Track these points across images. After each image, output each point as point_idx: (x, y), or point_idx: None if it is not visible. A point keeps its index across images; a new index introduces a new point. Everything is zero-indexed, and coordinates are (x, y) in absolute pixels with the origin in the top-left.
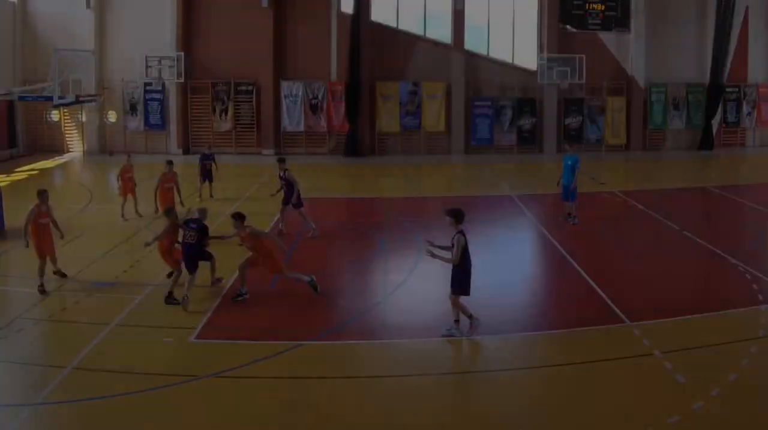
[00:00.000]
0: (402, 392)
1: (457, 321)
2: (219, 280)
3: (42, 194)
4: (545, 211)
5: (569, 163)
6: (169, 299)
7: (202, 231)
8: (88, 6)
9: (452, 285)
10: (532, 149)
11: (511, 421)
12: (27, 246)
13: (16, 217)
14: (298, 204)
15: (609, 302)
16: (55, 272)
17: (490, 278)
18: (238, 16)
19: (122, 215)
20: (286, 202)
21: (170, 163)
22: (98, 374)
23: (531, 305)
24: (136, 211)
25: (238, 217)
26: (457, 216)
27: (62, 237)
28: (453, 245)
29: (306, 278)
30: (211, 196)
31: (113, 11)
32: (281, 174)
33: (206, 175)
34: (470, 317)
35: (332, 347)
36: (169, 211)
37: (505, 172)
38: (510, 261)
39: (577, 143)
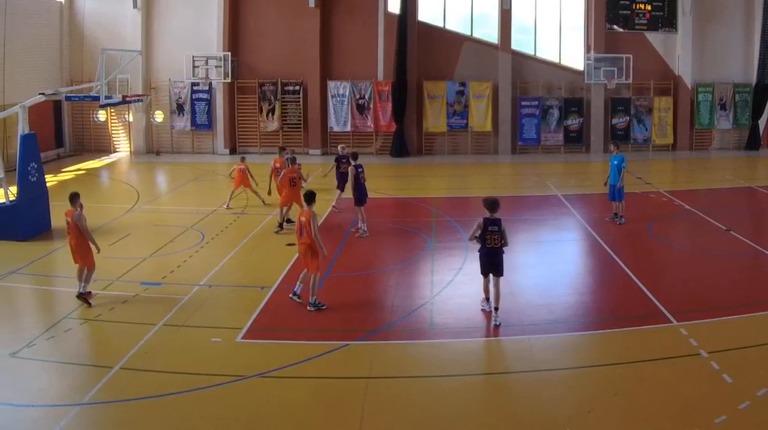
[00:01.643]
0: (448, 392)
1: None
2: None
3: (74, 198)
4: (592, 210)
5: (615, 163)
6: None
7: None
8: (135, 6)
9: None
10: (579, 149)
11: (557, 422)
12: (98, 251)
13: (63, 216)
14: (362, 201)
15: (655, 301)
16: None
17: (537, 278)
18: (285, 16)
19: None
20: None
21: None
22: (145, 374)
23: (577, 304)
24: (228, 205)
25: (310, 197)
26: (487, 204)
27: (98, 251)
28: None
29: (311, 300)
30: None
31: (160, 11)
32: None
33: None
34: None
35: (378, 347)
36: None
37: (552, 172)
38: (556, 261)
39: (624, 143)
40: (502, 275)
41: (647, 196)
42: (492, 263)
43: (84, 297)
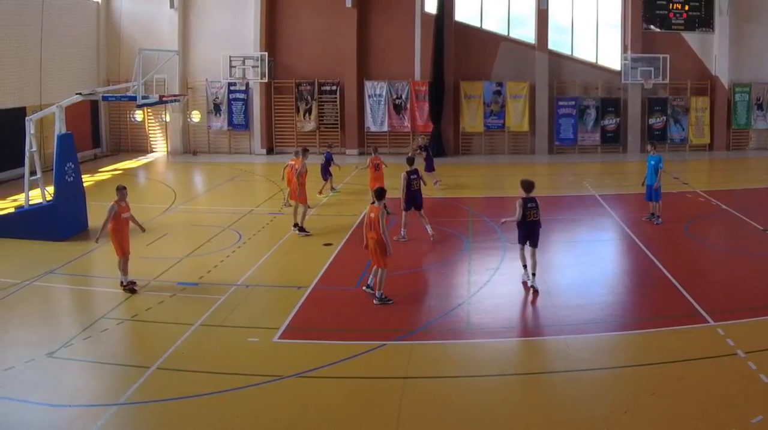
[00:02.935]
0: (485, 392)
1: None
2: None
3: (122, 190)
4: (629, 210)
5: (653, 163)
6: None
7: None
8: (172, 6)
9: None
10: (616, 149)
11: (594, 422)
12: (97, 241)
13: (100, 216)
14: (408, 207)
15: (692, 301)
16: (124, 286)
17: (574, 278)
18: (321, 16)
19: (286, 203)
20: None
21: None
22: (182, 374)
23: (614, 304)
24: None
25: (380, 193)
26: (524, 186)
27: (143, 231)
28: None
29: (378, 294)
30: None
31: (197, 11)
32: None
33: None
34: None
35: (415, 347)
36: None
37: (589, 172)
38: (593, 260)
39: (661, 143)
40: (537, 246)
41: (684, 196)
42: (530, 234)
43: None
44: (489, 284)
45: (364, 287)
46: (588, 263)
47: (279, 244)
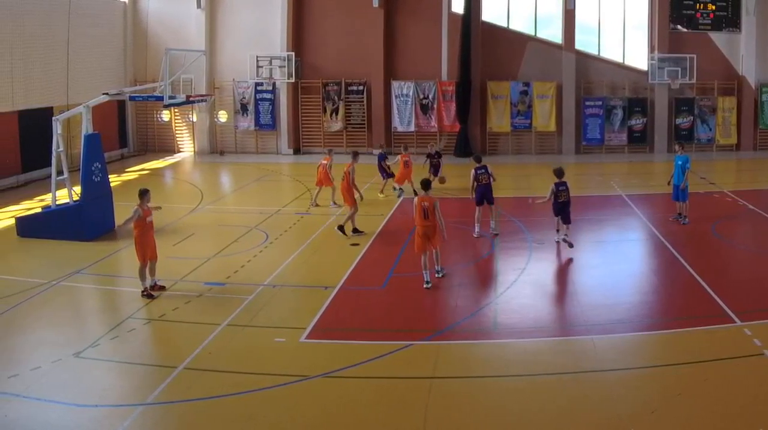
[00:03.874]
0: (512, 392)
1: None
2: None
3: (144, 194)
4: (655, 210)
5: (680, 163)
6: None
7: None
8: (198, 6)
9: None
10: (643, 149)
11: (620, 421)
12: (117, 228)
13: (127, 216)
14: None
15: (719, 301)
16: (151, 288)
17: (601, 278)
18: (348, 16)
19: (313, 203)
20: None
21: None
22: (208, 374)
23: (641, 304)
24: (333, 201)
25: (427, 184)
26: (556, 172)
27: (158, 208)
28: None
29: (427, 277)
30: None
31: (224, 11)
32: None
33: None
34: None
35: (442, 347)
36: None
37: (616, 171)
38: (620, 260)
39: (688, 143)
40: (569, 223)
41: (711, 196)
42: (563, 212)
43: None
44: (516, 284)
45: (437, 275)
46: (615, 262)
47: (306, 244)
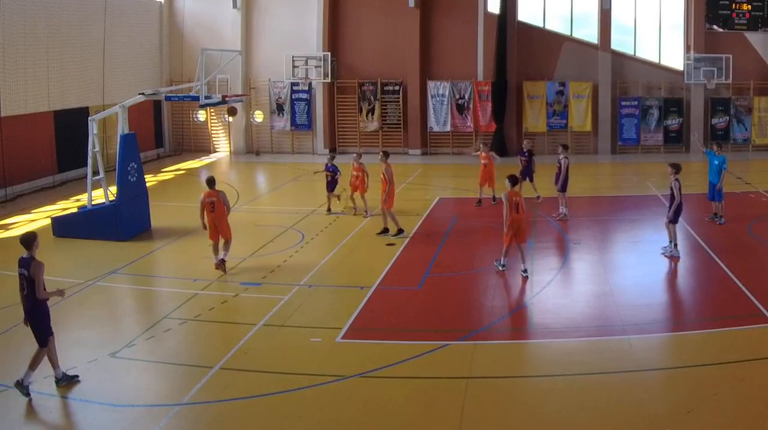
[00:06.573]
0: (548, 392)
1: (672, 243)
2: None
3: (209, 182)
4: (691, 210)
5: (716, 163)
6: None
7: None
8: (234, 6)
9: (669, 214)
10: (679, 149)
11: (656, 421)
12: (205, 228)
13: (163, 216)
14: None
15: (755, 301)
16: (217, 266)
17: (637, 278)
18: (384, 16)
19: (354, 208)
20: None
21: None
22: (244, 374)
23: (677, 304)
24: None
25: (515, 180)
26: (674, 167)
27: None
28: (672, 188)
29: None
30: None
31: (260, 11)
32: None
33: None
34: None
35: (478, 347)
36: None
37: (652, 172)
38: (656, 261)
39: (724, 143)
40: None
41: (747, 196)
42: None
43: (222, 265)
44: (552, 284)
45: (522, 273)
46: (650, 262)
47: (342, 244)
